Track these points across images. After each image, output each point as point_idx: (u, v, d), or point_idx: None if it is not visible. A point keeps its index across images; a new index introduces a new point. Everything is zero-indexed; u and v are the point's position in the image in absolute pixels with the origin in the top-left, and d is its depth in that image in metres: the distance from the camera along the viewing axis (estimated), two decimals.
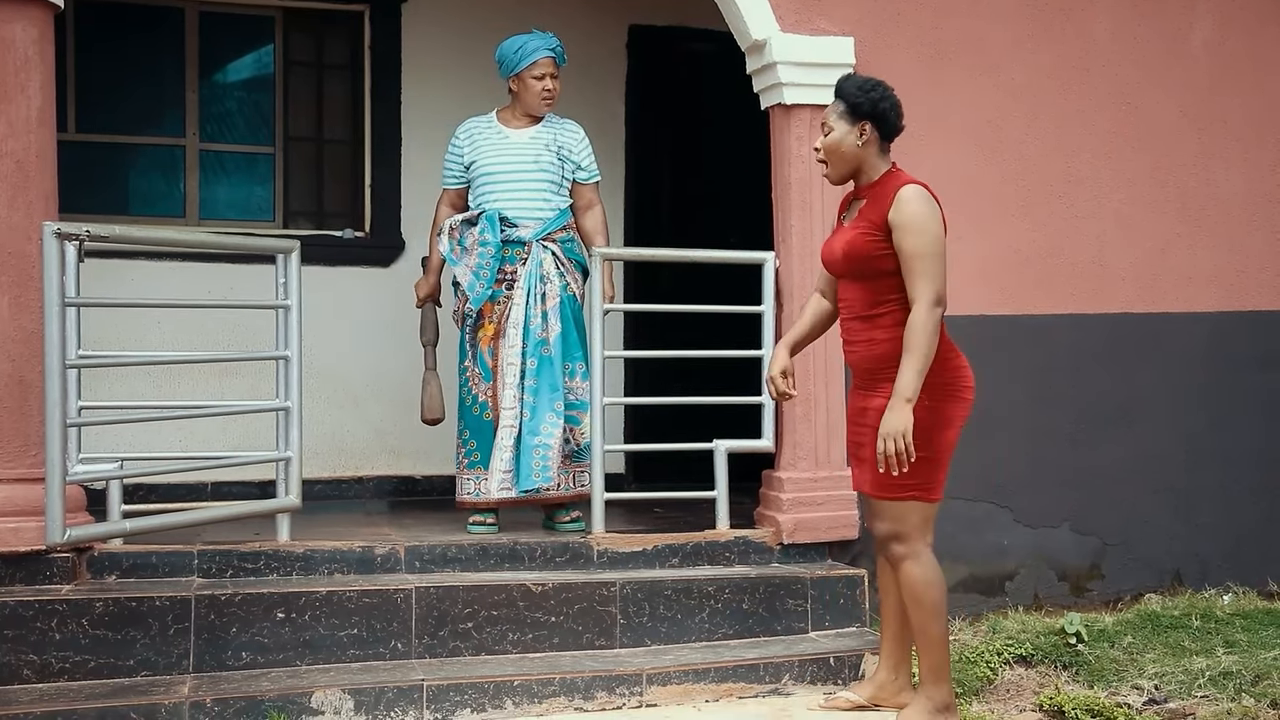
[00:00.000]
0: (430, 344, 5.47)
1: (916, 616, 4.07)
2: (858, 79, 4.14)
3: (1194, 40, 5.68)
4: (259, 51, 6.75)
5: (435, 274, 5.43)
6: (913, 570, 4.04)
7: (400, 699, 4.22)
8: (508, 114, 5.38)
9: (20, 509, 4.34)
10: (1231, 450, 5.69)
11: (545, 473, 5.08)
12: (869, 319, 4.05)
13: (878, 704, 4.26)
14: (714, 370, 5.49)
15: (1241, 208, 5.72)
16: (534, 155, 5.26)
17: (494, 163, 5.26)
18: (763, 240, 5.41)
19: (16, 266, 4.40)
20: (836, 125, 4.07)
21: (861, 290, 4.06)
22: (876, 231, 3.98)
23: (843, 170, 4.11)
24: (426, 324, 5.47)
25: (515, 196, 5.22)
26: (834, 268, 4.16)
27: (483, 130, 5.35)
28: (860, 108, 4.05)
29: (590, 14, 6.73)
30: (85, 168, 6.34)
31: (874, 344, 4.04)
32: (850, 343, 4.14)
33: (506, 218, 5.21)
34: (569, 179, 5.35)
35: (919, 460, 3.94)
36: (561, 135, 5.34)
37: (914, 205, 3.95)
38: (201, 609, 4.34)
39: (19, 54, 4.40)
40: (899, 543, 4.04)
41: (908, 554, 4.03)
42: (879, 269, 3.99)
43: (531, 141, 5.29)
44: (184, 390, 6.16)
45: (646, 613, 4.75)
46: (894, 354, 3.97)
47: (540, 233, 5.23)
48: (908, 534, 4.03)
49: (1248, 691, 4.55)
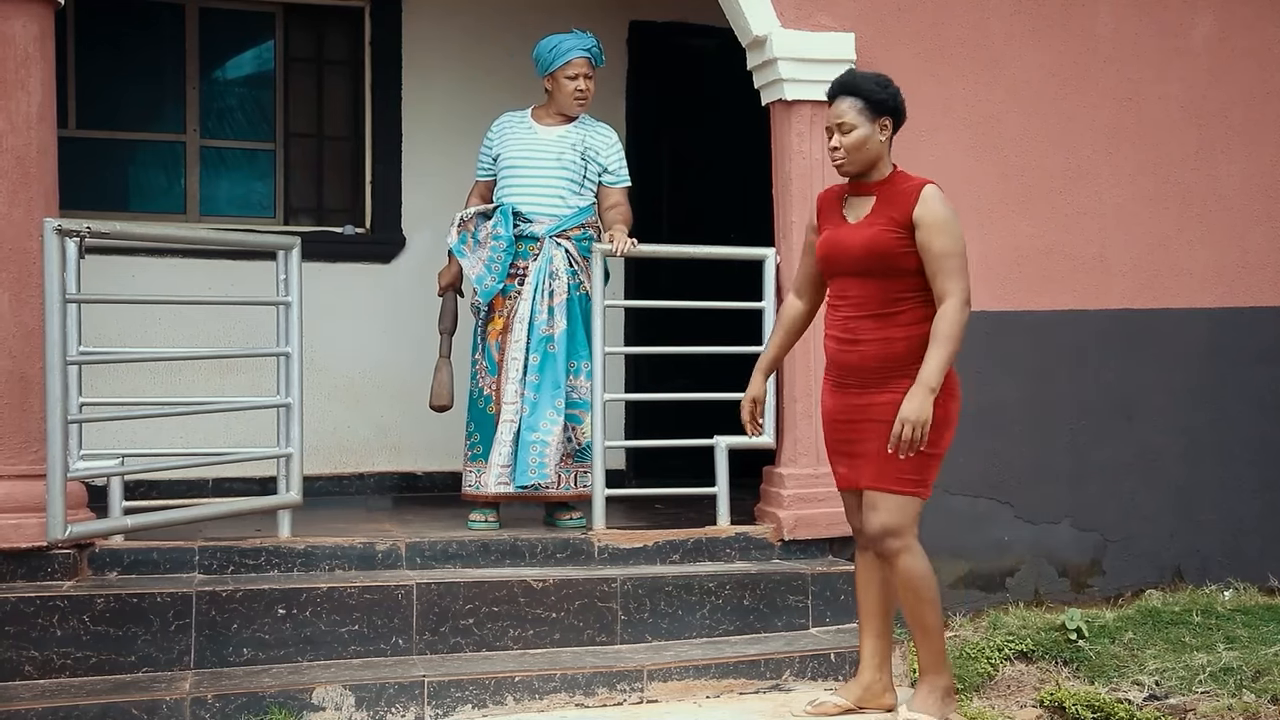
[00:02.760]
0: (447, 332, 5.44)
1: (915, 608, 4.08)
2: (868, 75, 4.13)
3: (1194, 36, 5.67)
4: (259, 47, 6.75)
5: (459, 263, 5.41)
6: (911, 563, 4.05)
7: (401, 695, 4.23)
8: (542, 111, 5.38)
9: (21, 505, 4.35)
10: (1232, 446, 5.69)
11: (542, 469, 5.08)
12: (884, 317, 4.03)
13: (863, 706, 4.24)
14: (715, 367, 5.49)
15: (1242, 203, 5.72)
16: (557, 153, 5.25)
17: (517, 157, 5.26)
18: (763, 236, 5.41)
19: (17, 263, 4.40)
20: (858, 122, 4.04)
21: (877, 288, 4.03)
22: (899, 229, 3.99)
23: (862, 167, 4.08)
24: (445, 312, 5.45)
25: (531, 192, 5.22)
26: (843, 265, 4.09)
27: (514, 125, 5.35)
28: (884, 104, 4.06)
29: (590, 9, 6.72)
30: (86, 164, 6.34)
31: (890, 342, 4.02)
32: (854, 341, 4.07)
33: (520, 212, 5.21)
34: (592, 180, 5.33)
35: (923, 456, 3.97)
36: (591, 137, 5.32)
37: (941, 205, 3.99)
38: (203, 605, 4.34)
39: (19, 50, 4.40)
40: (895, 537, 4.03)
41: (903, 548, 4.04)
42: (899, 267, 3.99)
43: (558, 140, 5.28)
44: (185, 386, 6.15)
45: (647, 609, 4.75)
46: (911, 352, 3.98)
47: (554, 229, 5.22)
48: (904, 528, 4.04)
49: (1248, 687, 4.56)
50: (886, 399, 4.01)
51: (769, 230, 5.34)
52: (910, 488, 4.03)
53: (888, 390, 4.01)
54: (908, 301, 4.02)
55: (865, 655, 4.26)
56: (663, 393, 5.91)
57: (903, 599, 4.10)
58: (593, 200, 5.37)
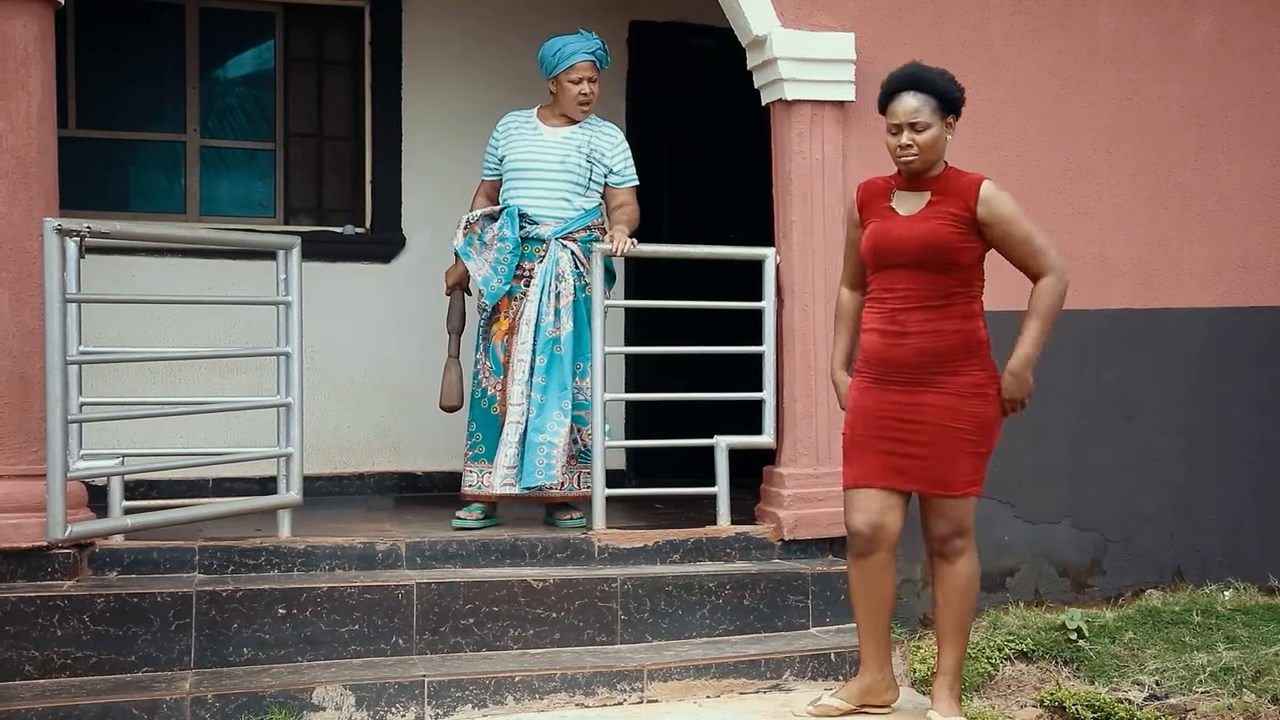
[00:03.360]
0: (455, 331, 5.43)
1: (964, 609, 4.15)
2: (937, 71, 4.09)
3: (1195, 36, 5.67)
4: (259, 47, 6.75)
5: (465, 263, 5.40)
6: (973, 564, 4.14)
7: (401, 695, 4.23)
8: (547, 112, 5.37)
9: (22, 505, 4.35)
10: (1232, 446, 5.68)
11: (549, 471, 5.08)
12: (938, 309, 4.02)
13: (864, 707, 4.24)
14: (715, 367, 5.49)
15: (1242, 203, 5.72)
16: (562, 155, 5.25)
17: (522, 159, 5.26)
18: (763, 236, 5.41)
19: (17, 262, 4.40)
20: (932, 121, 4.02)
21: (930, 281, 4.03)
22: (960, 225, 4.01)
23: (931, 165, 4.08)
24: (453, 311, 5.45)
25: (537, 194, 5.22)
26: (895, 257, 4.05)
27: (519, 126, 5.34)
28: (955, 103, 4.08)
29: (591, 9, 6.72)
30: (86, 163, 6.34)
31: (941, 335, 4.02)
32: (903, 334, 4.04)
33: (526, 214, 5.20)
34: (599, 182, 5.33)
35: (980, 456, 4.08)
36: (597, 138, 5.32)
37: (1004, 197, 4.07)
38: (203, 605, 4.34)
39: (20, 50, 4.40)
40: (961, 538, 4.10)
41: (967, 548, 4.11)
42: (956, 261, 4.02)
43: (563, 142, 5.28)
44: (185, 386, 6.15)
45: (647, 608, 4.75)
46: (962, 345, 4.02)
47: (560, 231, 5.22)
48: (970, 529, 4.11)
49: (1248, 687, 4.56)
50: (934, 399, 4.02)
51: (769, 230, 5.34)
52: (974, 488, 4.09)
53: (937, 389, 4.02)
54: (958, 295, 4.04)
55: (868, 658, 4.25)
56: (663, 393, 5.91)
57: (958, 599, 4.14)
58: (599, 202, 5.36)
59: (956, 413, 4.02)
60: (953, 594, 4.13)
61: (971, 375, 4.04)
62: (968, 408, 4.03)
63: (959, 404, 4.02)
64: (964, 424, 4.02)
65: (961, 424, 4.02)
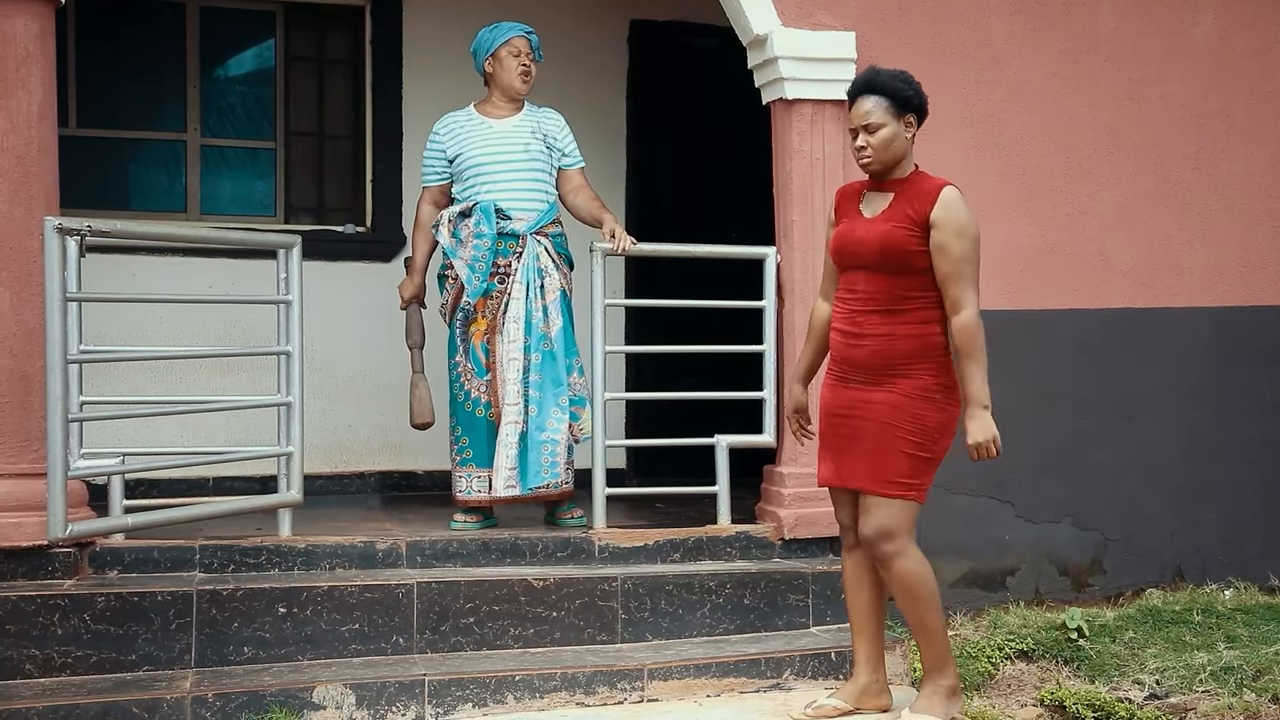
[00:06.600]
0: (417, 346, 5.35)
1: (914, 611, 4.07)
2: (891, 72, 4.09)
3: (1195, 35, 5.67)
4: (260, 46, 6.75)
5: (420, 274, 5.33)
6: (906, 566, 4.03)
7: (402, 694, 4.23)
8: (486, 105, 5.33)
9: (22, 504, 4.35)
10: (1233, 445, 5.69)
11: (554, 469, 5.07)
12: (892, 313, 4.01)
13: (860, 709, 4.23)
14: (715, 366, 5.49)
15: (1243, 202, 5.72)
16: (523, 144, 5.21)
17: (482, 154, 5.19)
18: (764, 235, 5.41)
19: (18, 262, 4.41)
20: (885, 121, 4.01)
21: (887, 283, 4.02)
22: (915, 228, 3.98)
23: (889, 165, 4.06)
24: (412, 326, 5.36)
25: (509, 187, 5.17)
26: (854, 258, 4.07)
27: (463, 123, 5.29)
28: (909, 101, 4.04)
29: (591, 9, 6.72)
30: (86, 162, 6.34)
31: (895, 339, 4.01)
32: (859, 335, 4.06)
33: (501, 209, 5.18)
34: (555, 166, 5.32)
35: (920, 460, 3.99)
36: (545, 122, 5.30)
37: (961, 210, 3.98)
38: (203, 604, 4.34)
39: (20, 49, 4.40)
40: (889, 541, 4.01)
41: (897, 551, 4.01)
42: (911, 265, 3.99)
43: (516, 129, 5.24)
44: (185, 385, 6.15)
45: (648, 608, 4.75)
46: (916, 350, 3.99)
47: (534, 225, 5.19)
48: (899, 532, 4.01)
49: (1249, 686, 4.55)
50: (882, 397, 4.00)
51: (769, 229, 5.33)
52: (905, 491, 4.01)
53: (885, 388, 4.01)
54: (915, 300, 4.01)
55: (859, 657, 4.24)
56: (663, 392, 5.90)
57: (901, 603, 4.09)
58: (557, 195, 5.33)
59: (899, 411, 3.99)
60: (898, 597, 4.09)
61: (922, 379, 4.01)
62: (913, 408, 3.99)
63: (905, 404, 3.99)
64: (905, 424, 3.99)
65: (902, 423, 3.99)
